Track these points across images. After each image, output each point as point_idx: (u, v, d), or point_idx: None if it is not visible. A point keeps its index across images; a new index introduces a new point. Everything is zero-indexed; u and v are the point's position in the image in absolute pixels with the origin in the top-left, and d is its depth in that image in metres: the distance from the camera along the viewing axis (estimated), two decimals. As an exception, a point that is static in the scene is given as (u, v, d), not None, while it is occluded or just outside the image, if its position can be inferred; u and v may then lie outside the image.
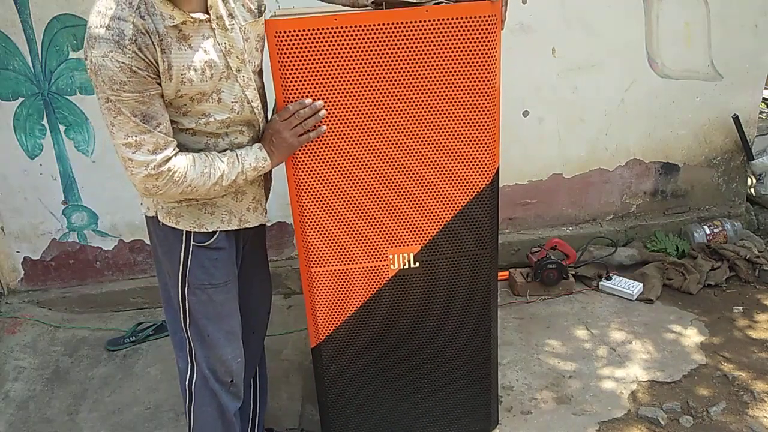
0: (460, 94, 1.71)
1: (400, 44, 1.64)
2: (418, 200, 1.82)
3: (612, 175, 3.37)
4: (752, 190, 3.65)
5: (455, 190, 1.82)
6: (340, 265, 1.87)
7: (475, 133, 1.75)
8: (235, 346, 1.86)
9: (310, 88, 1.66)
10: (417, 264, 1.89)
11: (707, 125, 3.35)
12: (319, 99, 1.67)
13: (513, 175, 3.27)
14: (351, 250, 1.86)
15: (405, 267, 1.89)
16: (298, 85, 1.65)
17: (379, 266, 1.88)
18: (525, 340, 2.75)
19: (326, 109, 1.69)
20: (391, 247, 1.86)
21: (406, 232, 1.85)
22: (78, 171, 3.01)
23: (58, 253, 3.15)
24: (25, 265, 3.17)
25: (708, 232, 3.33)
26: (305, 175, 1.76)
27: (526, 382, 2.50)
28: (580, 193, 3.38)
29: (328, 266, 1.86)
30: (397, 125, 1.73)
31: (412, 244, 1.86)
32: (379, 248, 1.86)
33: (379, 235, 1.85)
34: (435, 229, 1.86)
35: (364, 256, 1.87)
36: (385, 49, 1.64)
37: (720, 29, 3.16)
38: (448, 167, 1.79)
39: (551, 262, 3.04)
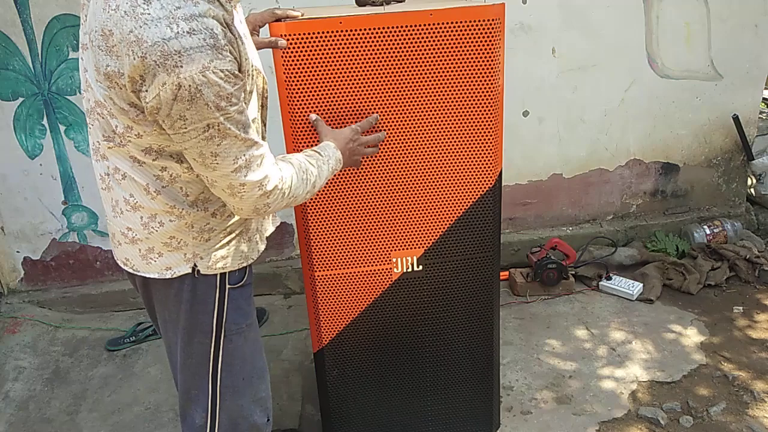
0: (463, 97, 1.71)
1: (405, 47, 1.64)
2: (422, 203, 1.82)
3: (612, 175, 3.37)
4: (752, 190, 3.65)
5: (458, 192, 1.82)
6: (344, 268, 1.87)
7: (478, 137, 1.76)
8: (267, 380, 1.74)
9: (315, 90, 1.65)
10: (420, 267, 1.90)
11: (707, 125, 3.36)
12: (323, 101, 1.67)
13: (513, 175, 3.27)
14: (355, 254, 1.86)
15: (408, 270, 1.89)
16: (303, 87, 1.65)
17: (382, 269, 1.88)
18: (525, 340, 2.76)
19: (330, 111, 1.69)
20: (395, 250, 1.86)
21: (410, 235, 1.85)
22: (78, 171, 3.00)
23: (58, 253, 3.15)
24: (25, 265, 3.16)
25: (708, 232, 3.33)
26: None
27: (526, 382, 2.50)
28: (580, 193, 3.39)
29: (332, 270, 1.86)
30: (400, 127, 1.73)
31: (415, 247, 1.87)
32: (383, 251, 1.86)
33: (382, 238, 1.85)
34: (438, 232, 1.86)
35: (367, 259, 1.87)
36: (389, 52, 1.64)
37: (720, 29, 3.16)
38: (450, 170, 1.79)
39: (551, 262, 3.04)
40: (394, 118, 1.71)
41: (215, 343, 1.55)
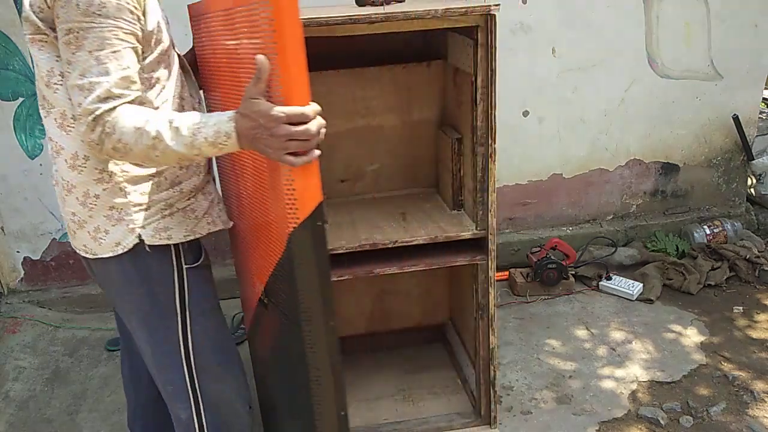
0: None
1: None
2: (253, 227, 1.62)
3: (612, 175, 3.37)
4: (752, 190, 3.65)
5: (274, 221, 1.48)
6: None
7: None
8: (242, 370, 1.68)
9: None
10: (266, 299, 1.61)
11: (707, 125, 3.35)
12: None
13: (513, 175, 3.27)
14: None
15: (264, 300, 1.63)
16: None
17: (256, 296, 1.69)
18: (525, 340, 2.76)
19: None
20: (256, 276, 1.65)
21: (257, 263, 1.63)
22: (78, 171, 3.00)
23: (58, 253, 3.15)
24: (25, 265, 3.17)
25: (708, 232, 3.33)
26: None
27: (526, 382, 2.50)
28: (580, 193, 3.39)
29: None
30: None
31: (262, 278, 1.60)
32: (251, 277, 1.72)
33: (250, 264, 1.71)
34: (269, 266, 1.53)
35: (252, 283, 1.71)
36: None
37: (720, 29, 3.16)
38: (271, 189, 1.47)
39: (551, 262, 3.04)
40: None
41: (182, 324, 1.52)
